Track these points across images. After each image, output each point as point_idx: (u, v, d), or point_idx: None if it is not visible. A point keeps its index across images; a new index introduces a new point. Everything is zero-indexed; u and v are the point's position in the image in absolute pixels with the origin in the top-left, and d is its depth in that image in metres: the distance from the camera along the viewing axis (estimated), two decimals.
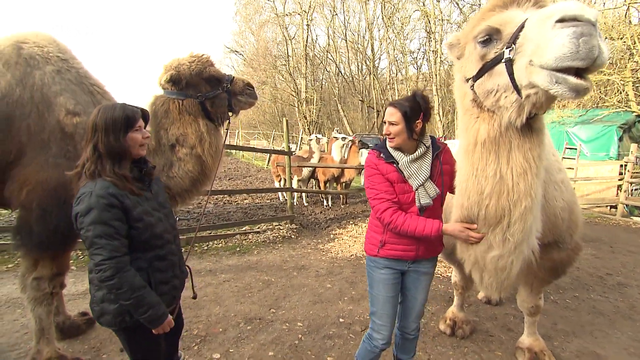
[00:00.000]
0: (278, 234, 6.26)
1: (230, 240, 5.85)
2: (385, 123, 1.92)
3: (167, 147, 2.47)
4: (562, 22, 1.24)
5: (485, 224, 1.72)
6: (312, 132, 23.13)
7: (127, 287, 1.45)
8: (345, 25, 27.27)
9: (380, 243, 1.98)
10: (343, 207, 8.99)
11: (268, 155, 16.64)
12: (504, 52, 1.49)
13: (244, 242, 5.84)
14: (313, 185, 10.29)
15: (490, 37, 1.57)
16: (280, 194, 9.47)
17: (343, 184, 9.33)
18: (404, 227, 1.86)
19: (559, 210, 2.21)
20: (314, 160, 8.97)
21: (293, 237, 6.28)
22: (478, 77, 1.65)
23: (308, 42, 26.66)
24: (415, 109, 1.88)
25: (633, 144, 8.94)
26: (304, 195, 9.44)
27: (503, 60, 1.49)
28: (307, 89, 26.52)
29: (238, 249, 5.50)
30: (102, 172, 1.51)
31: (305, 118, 26.01)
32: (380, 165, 1.96)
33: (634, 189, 9.01)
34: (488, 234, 1.73)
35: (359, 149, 9.06)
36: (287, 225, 6.67)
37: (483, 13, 1.69)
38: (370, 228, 2.08)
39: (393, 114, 1.89)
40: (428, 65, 24.31)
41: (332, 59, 28.06)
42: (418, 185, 1.89)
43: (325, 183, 9.21)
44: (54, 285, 2.34)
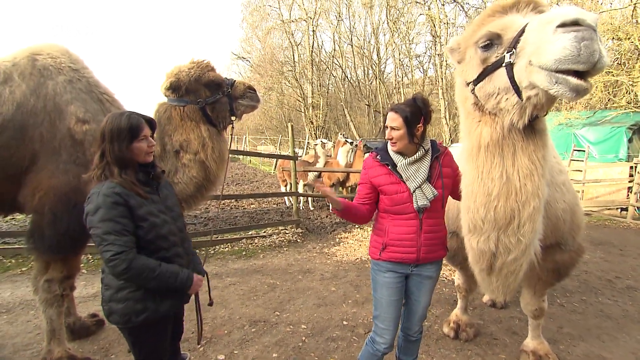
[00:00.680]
0: (284, 238, 6.31)
1: (237, 245, 5.91)
2: (387, 128, 1.94)
3: (171, 153, 2.54)
4: (563, 26, 1.27)
5: (495, 226, 1.72)
6: (318, 137, 23.23)
7: (146, 270, 1.53)
8: (351, 31, 27.44)
9: (382, 246, 2.00)
10: None
11: (275, 161, 16.76)
12: (505, 56, 1.53)
13: (250, 246, 5.90)
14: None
15: (491, 42, 1.60)
16: (287, 199, 9.53)
17: (349, 188, 9.36)
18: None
19: (561, 212, 2.22)
20: (320, 165, 9.02)
21: (299, 241, 6.33)
22: (479, 80, 1.67)
23: (314, 47, 26.87)
24: (416, 113, 1.91)
25: None
26: (310, 200, 9.49)
27: (504, 64, 1.53)
28: (313, 94, 26.66)
29: (244, 253, 5.57)
30: (110, 175, 1.58)
31: (312, 123, 26.13)
32: (372, 169, 2.02)
33: None
34: (500, 237, 1.74)
35: (364, 153, 9.09)
36: (292, 230, 6.72)
37: (483, 18, 1.72)
38: (374, 232, 2.12)
39: (395, 119, 1.91)
40: (434, 69, 24.31)
41: (338, 64, 28.21)
42: (415, 187, 1.91)
43: (331, 187, 9.25)
44: (64, 288, 2.42)
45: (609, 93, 11.22)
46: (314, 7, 25.90)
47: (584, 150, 9.82)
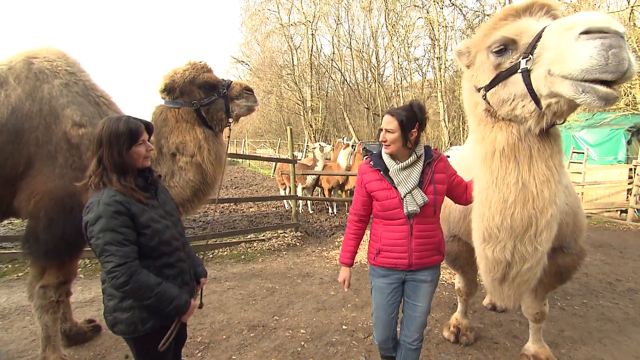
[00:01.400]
0: (283, 242, 6.28)
1: (235, 248, 5.88)
2: (382, 130, 1.96)
3: (168, 156, 2.52)
4: (587, 33, 1.21)
5: (512, 234, 1.67)
6: (318, 140, 23.25)
7: (144, 287, 1.48)
8: (350, 34, 27.58)
9: (376, 251, 2.03)
10: (348, 214, 8.97)
11: (274, 164, 16.75)
12: (520, 62, 1.48)
13: (249, 250, 5.87)
14: (318, 193, 10.31)
15: (506, 47, 1.55)
16: (286, 202, 9.51)
17: (347, 192, 9.34)
18: (344, 237, 2.16)
19: (564, 215, 2.19)
20: (318, 168, 9.01)
21: (298, 244, 6.30)
22: (491, 86, 1.62)
23: (313, 51, 26.98)
24: (412, 119, 1.92)
25: None
26: (309, 203, 9.47)
27: (519, 71, 1.48)
28: (312, 98, 26.73)
29: (243, 257, 5.54)
30: (108, 183, 1.54)
31: (311, 126, 26.17)
32: (365, 174, 2.05)
33: None
34: (517, 245, 1.68)
35: (363, 156, 9.09)
36: (292, 233, 6.70)
37: (495, 22, 1.66)
38: (370, 237, 2.14)
39: (390, 122, 1.93)
40: (433, 72, 24.39)
41: (337, 68, 28.30)
42: (406, 193, 1.92)
43: (330, 190, 9.23)
44: (60, 294, 2.39)
45: None
46: (313, 10, 26.03)
47: (583, 153, 9.82)
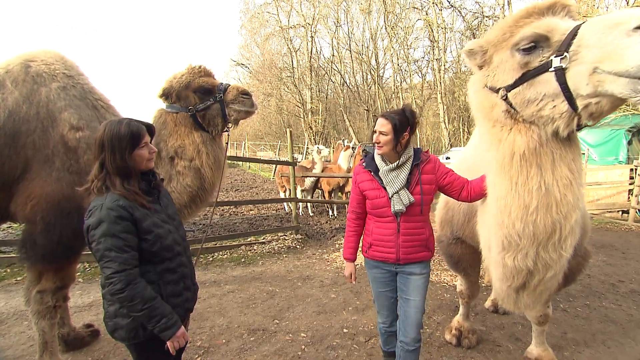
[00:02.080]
0: (283, 245, 6.26)
1: (236, 251, 5.86)
2: (376, 132, 2.05)
3: (166, 159, 2.50)
4: None
5: (535, 241, 1.60)
6: (318, 142, 23.25)
7: (138, 298, 1.44)
8: (349, 36, 27.64)
9: (368, 244, 2.18)
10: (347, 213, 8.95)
11: (274, 166, 16.73)
12: (552, 60, 1.42)
13: (249, 252, 5.85)
14: (319, 196, 10.29)
15: (536, 44, 1.49)
16: (286, 205, 9.48)
17: (348, 194, 9.32)
18: (345, 233, 2.33)
19: None
20: (316, 171, 8.98)
21: (298, 247, 6.27)
22: (515, 86, 1.55)
23: (312, 53, 27.04)
24: (404, 123, 2.03)
25: None
26: (309, 205, 9.44)
27: (552, 69, 1.43)
28: (312, 100, 26.77)
29: (243, 260, 5.51)
30: (111, 187, 1.52)
31: (311, 128, 26.19)
32: (359, 175, 2.20)
33: None
34: (540, 253, 1.62)
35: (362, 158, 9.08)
36: (292, 236, 6.67)
37: (516, 20, 1.60)
38: (364, 231, 2.28)
39: (384, 125, 2.02)
40: (432, 74, 24.42)
41: (336, 70, 28.36)
42: (393, 193, 2.03)
43: (330, 193, 9.21)
44: (57, 299, 2.36)
45: None
46: (312, 13, 26.12)
47: (584, 153, 9.79)
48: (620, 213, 9.11)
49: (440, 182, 2.10)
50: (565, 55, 1.39)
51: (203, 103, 2.52)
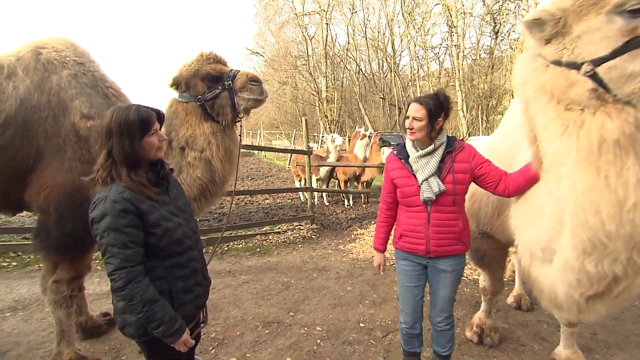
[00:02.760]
0: (298, 234, 6.21)
1: (251, 241, 5.84)
2: (409, 118, 1.97)
3: (177, 150, 2.42)
4: None
5: (630, 244, 1.38)
6: (333, 131, 23.04)
7: (138, 299, 1.37)
8: (365, 23, 27.05)
9: (399, 235, 2.12)
10: (364, 206, 8.83)
11: (289, 155, 16.67)
12: None
13: (264, 242, 5.82)
14: (334, 185, 10.19)
15: None
16: (301, 194, 9.42)
17: (364, 183, 9.17)
18: (376, 223, 2.29)
19: None
20: (330, 160, 8.84)
21: (314, 237, 6.21)
22: (611, 58, 1.33)
23: (328, 41, 26.60)
24: (439, 108, 1.96)
25: None
26: (325, 195, 9.35)
27: None
28: (327, 88, 26.46)
29: (258, 250, 5.48)
30: (117, 178, 1.44)
31: (326, 117, 25.95)
32: (390, 163, 2.14)
33: None
34: (633, 257, 1.40)
35: (380, 147, 8.88)
36: (307, 226, 6.61)
37: None
38: (396, 222, 2.22)
39: (418, 110, 1.94)
40: (450, 61, 23.67)
41: (352, 58, 27.87)
42: (422, 180, 1.96)
43: (346, 182, 9.08)
44: (73, 289, 2.36)
45: None
46: None
47: None
48: None
49: (476, 172, 1.97)
50: None
51: (211, 92, 2.40)
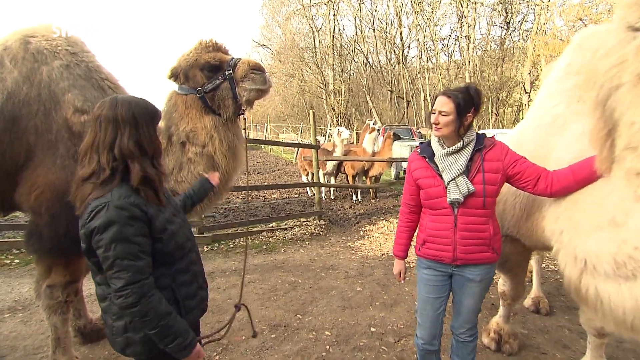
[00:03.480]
0: (306, 231, 6.06)
1: (257, 237, 5.71)
2: (435, 112, 1.81)
3: (177, 145, 2.25)
4: None
5: None
6: (340, 124, 22.77)
7: (152, 314, 1.23)
8: (373, 14, 26.56)
9: (422, 241, 1.95)
10: (373, 201, 8.65)
11: (296, 148, 16.50)
12: None
13: (271, 239, 5.68)
14: (342, 179, 10.01)
15: None
16: (308, 189, 9.26)
17: (372, 178, 8.98)
18: (397, 228, 2.13)
19: None
20: (337, 154, 8.64)
21: (321, 234, 6.05)
22: None
23: (335, 32, 26.19)
24: (468, 102, 1.79)
25: None
26: (331, 189, 9.18)
27: None
28: (334, 81, 26.14)
29: (264, 247, 5.35)
30: (146, 169, 1.31)
31: (334, 110, 25.68)
32: (413, 162, 1.97)
33: None
34: None
35: (393, 141, 8.67)
36: (315, 222, 6.46)
37: None
38: (418, 227, 2.06)
39: (446, 104, 1.78)
40: (460, 52, 23.16)
41: (359, 49, 27.45)
42: (449, 180, 1.80)
43: (354, 177, 8.89)
44: (68, 293, 2.23)
45: None
46: None
47: None
48: None
49: (509, 171, 1.78)
50: None
51: (211, 82, 2.21)
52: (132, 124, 1.29)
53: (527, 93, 18.66)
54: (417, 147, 2.02)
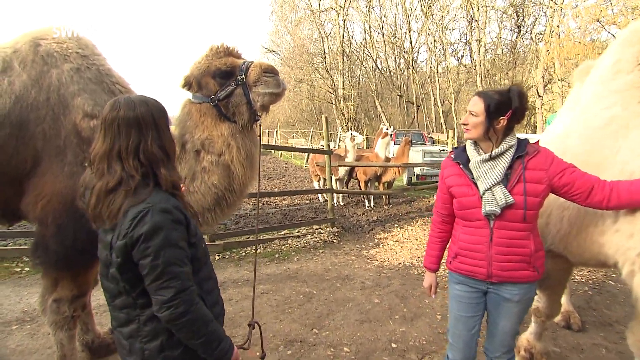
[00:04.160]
0: (319, 238, 5.90)
1: (269, 245, 5.57)
2: (467, 112, 1.71)
3: (192, 153, 2.13)
4: None
5: None
6: (350, 129, 22.63)
7: (201, 322, 1.17)
8: (382, 19, 26.52)
9: (454, 254, 1.82)
10: (386, 208, 8.45)
11: (306, 154, 16.38)
12: None
13: (283, 247, 5.54)
14: (354, 185, 9.84)
15: None
16: (320, 195, 9.10)
17: (385, 184, 8.79)
18: (428, 238, 2.00)
19: None
20: (349, 159, 8.47)
21: (335, 241, 5.89)
22: None
23: (344, 38, 26.18)
24: (504, 104, 1.64)
25: None
26: (341, 195, 9.01)
27: None
28: (344, 86, 26.10)
29: (277, 256, 5.20)
30: (158, 184, 1.22)
31: (343, 115, 25.61)
32: (446, 168, 1.83)
33: None
34: None
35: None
36: (328, 229, 6.30)
37: None
38: (451, 238, 1.92)
39: (476, 104, 1.67)
40: (470, 56, 22.90)
41: (369, 54, 27.38)
42: (485, 189, 1.64)
43: (366, 183, 8.72)
44: (75, 308, 2.11)
45: None
46: None
47: None
48: None
49: (555, 181, 1.60)
50: None
51: (224, 89, 2.08)
52: (154, 127, 1.22)
53: (540, 97, 18.30)
54: (450, 152, 1.88)
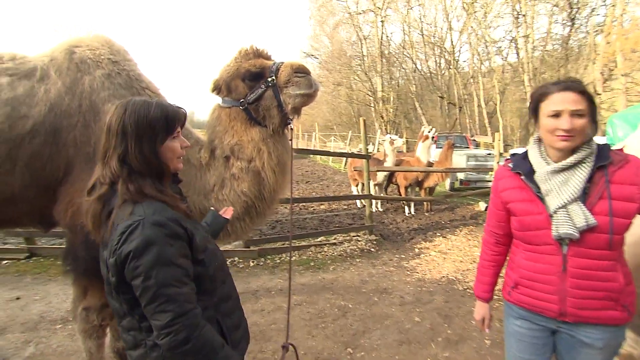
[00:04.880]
0: (356, 247, 5.66)
1: (304, 253, 5.43)
2: (560, 114, 1.28)
3: (221, 159, 2.03)
4: None
5: None
6: (389, 131, 22.12)
7: (208, 349, 1.05)
8: (421, 19, 25.73)
9: (513, 283, 1.49)
10: (427, 215, 8.02)
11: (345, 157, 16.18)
12: None
13: (319, 255, 5.37)
14: (394, 191, 9.49)
15: None
16: (358, 200, 8.86)
17: (427, 189, 8.38)
18: (479, 263, 1.70)
19: None
20: (388, 164, 8.13)
21: (372, 250, 5.63)
22: None
23: (383, 39, 25.73)
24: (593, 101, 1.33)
25: None
26: (380, 201, 8.69)
27: None
28: (383, 88, 25.62)
29: (312, 264, 5.04)
30: (144, 191, 1.10)
31: (382, 117, 25.15)
32: (501, 180, 1.51)
33: None
34: None
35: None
36: (365, 237, 6.05)
37: None
38: (508, 263, 1.61)
39: (578, 101, 1.28)
40: (517, 53, 21.48)
41: (408, 55, 26.68)
42: (557, 207, 1.31)
43: (407, 188, 8.35)
44: (103, 317, 2.07)
45: None
46: None
47: None
48: None
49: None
50: None
51: (254, 92, 1.97)
52: (132, 135, 1.13)
53: (598, 95, 16.73)
54: (507, 160, 1.55)
